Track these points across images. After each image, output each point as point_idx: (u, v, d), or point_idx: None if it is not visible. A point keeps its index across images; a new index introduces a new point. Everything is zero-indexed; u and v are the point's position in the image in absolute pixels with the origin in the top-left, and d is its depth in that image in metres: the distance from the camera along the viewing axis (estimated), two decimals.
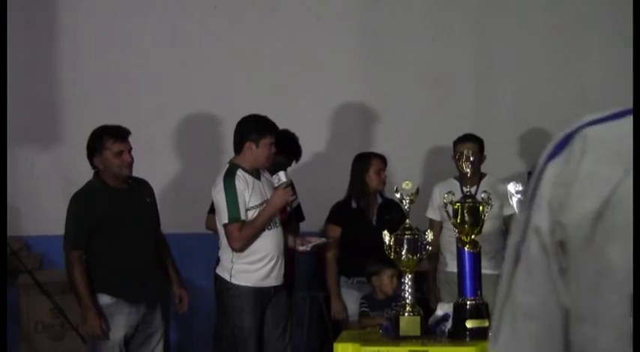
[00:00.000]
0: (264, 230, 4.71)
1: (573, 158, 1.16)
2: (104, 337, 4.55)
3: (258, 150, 4.71)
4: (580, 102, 6.29)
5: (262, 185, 4.78)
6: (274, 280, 4.79)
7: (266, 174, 4.82)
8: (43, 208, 5.96)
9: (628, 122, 1.18)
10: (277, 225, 4.81)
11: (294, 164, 5.43)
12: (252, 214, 4.68)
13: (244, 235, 4.65)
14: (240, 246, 4.67)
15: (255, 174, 4.78)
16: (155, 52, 6.17)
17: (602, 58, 6.38)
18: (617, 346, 1.12)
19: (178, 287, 4.87)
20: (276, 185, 4.66)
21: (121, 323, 4.58)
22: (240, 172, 4.72)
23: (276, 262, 4.77)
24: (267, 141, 4.70)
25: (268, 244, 4.74)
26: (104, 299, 4.58)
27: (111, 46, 6.14)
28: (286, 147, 5.31)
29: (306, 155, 5.94)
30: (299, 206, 5.47)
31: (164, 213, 5.15)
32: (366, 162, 5.32)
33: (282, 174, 4.65)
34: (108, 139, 4.60)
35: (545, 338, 1.20)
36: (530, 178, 1.23)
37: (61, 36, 6.08)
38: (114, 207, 4.62)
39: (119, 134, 4.64)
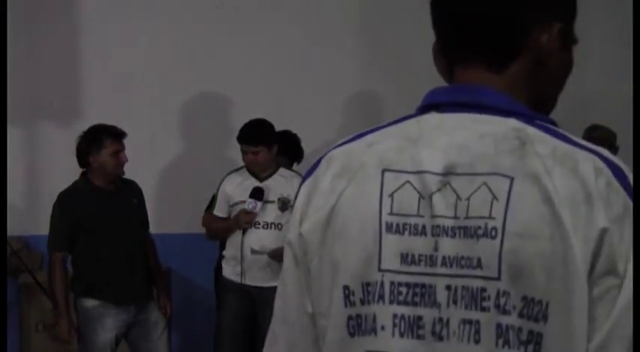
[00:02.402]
0: (226, 232, 4.94)
1: (318, 176, 1.36)
2: (91, 339, 4.54)
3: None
4: (581, 103, 6.30)
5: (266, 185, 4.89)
6: (254, 280, 4.84)
7: (284, 173, 5.02)
8: (44, 208, 5.95)
9: (361, 143, 1.39)
10: (256, 226, 4.85)
11: (295, 165, 5.43)
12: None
13: (207, 225, 5.09)
14: (206, 233, 5.13)
15: (257, 176, 4.94)
16: (154, 51, 6.18)
17: (603, 59, 6.38)
18: (336, 335, 1.28)
19: (162, 296, 4.81)
20: (246, 208, 4.80)
21: (109, 326, 4.54)
22: (239, 172, 5.00)
23: (251, 262, 4.82)
24: (243, 148, 4.89)
25: (237, 243, 4.86)
26: (89, 303, 4.55)
27: (110, 45, 6.13)
28: (287, 148, 5.31)
29: (307, 155, 5.94)
30: None
31: (164, 213, 5.15)
32: None
33: (248, 202, 4.79)
34: (107, 138, 4.59)
35: (298, 339, 1.36)
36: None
37: (61, 36, 6.08)
38: (99, 208, 4.58)
39: (117, 134, 4.64)
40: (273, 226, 4.86)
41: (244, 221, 4.81)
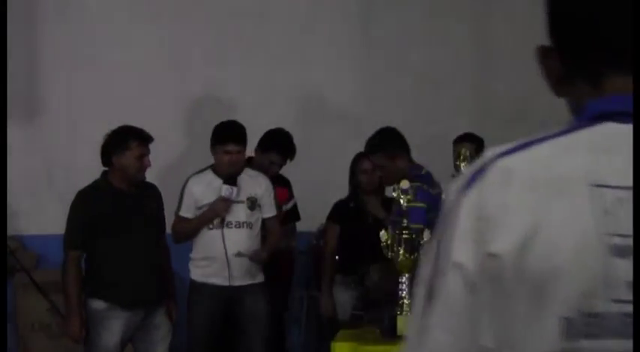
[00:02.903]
0: (199, 230, 4.89)
1: (489, 190, 1.17)
2: (95, 342, 4.47)
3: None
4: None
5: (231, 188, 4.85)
6: (227, 280, 4.84)
7: (249, 172, 4.98)
8: (40, 208, 5.94)
9: (537, 151, 1.22)
10: (229, 226, 4.84)
11: (288, 162, 5.42)
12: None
13: (178, 227, 4.95)
14: (174, 237, 4.97)
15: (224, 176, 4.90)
16: (146, 55, 6.17)
17: None
18: None
19: (170, 301, 4.74)
20: (223, 194, 4.80)
21: (115, 329, 4.48)
22: (204, 173, 4.98)
23: (224, 262, 4.80)
24: (222, 148, 4.86)
25: (208, 244, 4.86)
26: (98, 305, 4.49)
27: (102, 48, 6.13)
28: (280, 145, 5.29)
29: (305, 154, 5.93)
30: (295, 206, 5.46)
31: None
32: (356, 162, 5.31)
33: (224, 188, 4.78)
34: (133, 140, 4.50)
35: None
36: (441, 212, 1.21)
37: (50, 37, 6.08)
38: (115, 209, 4.51)
39: (144, 137, 4.54)
40: (245, 225, 4.89)
41: (222, 208, 4.80)
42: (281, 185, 5.34)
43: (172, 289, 4.85)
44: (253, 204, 4.90)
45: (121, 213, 4.51)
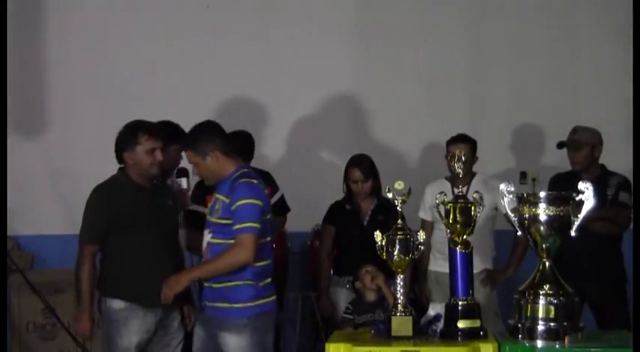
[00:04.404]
0: None
1: None
2: (115, 342, 4.31)
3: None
4: (572, 102, 6.29)
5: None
6: None
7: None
8: (35, 208, 5.92)
9: None
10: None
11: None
12: None
13: None
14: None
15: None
16: (147, 50, 6.17)
17: (594, 58, 6.37)
18: None
19: (187, 304, 4.54)
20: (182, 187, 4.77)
21: (134, 329, 4.32)
22: None
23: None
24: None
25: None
26: (116, 304, 4.32)
27: (102, 44, 6.14)
28: (239, 149, 5.09)
29: (299, 155, 5.92)
30: (282, 198, 5.39)
31: None
32: (346, 172, 5.31)
33: (183, 181, 4.77)
34: (143, 134, 4.35)
35: None
36: None
37: (51, 33, 6.10)
38: (136, 205, 4.35)
39: (154, 131, 4.41)
40: None
41: (182, 202, 4.76)
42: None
43: (190, 292, 4.60)
44: None
45: (140, 209, 4.37)
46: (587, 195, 3.43)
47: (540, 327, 3.39)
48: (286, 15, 6.34)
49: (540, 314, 3.40)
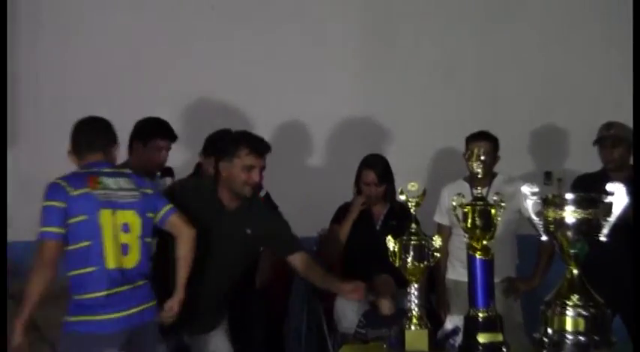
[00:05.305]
0: None
1: None
2: None
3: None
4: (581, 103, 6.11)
5: None
6: None
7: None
8: (10, 215, 5.79)
9: None
10: None
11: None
12: None
13: None
14: None
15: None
16: (150, 51, 6.06)
17: (598, 59, 6.25)
18: None
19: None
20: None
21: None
22: None
23: None
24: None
25: None
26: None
27: (102, 44, 6.04)
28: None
29: (310, 156, 5.79)
30: (267, 195, 5.16)
31: None
32: (359, 173, 5.06)
33: (168, 181, 4.69)
34: (244, 148, 4.03)
35: None
36: None
37: (45, 32, 6.00)
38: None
39: (259, 148, 4.06)
40: None
41: None
42: None
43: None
44: None
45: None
46: (617, 196, 3.16)
47: (568, 341, 3.10)
48: (291, 15, 6.22)
49: (568, 327, 3.12)
